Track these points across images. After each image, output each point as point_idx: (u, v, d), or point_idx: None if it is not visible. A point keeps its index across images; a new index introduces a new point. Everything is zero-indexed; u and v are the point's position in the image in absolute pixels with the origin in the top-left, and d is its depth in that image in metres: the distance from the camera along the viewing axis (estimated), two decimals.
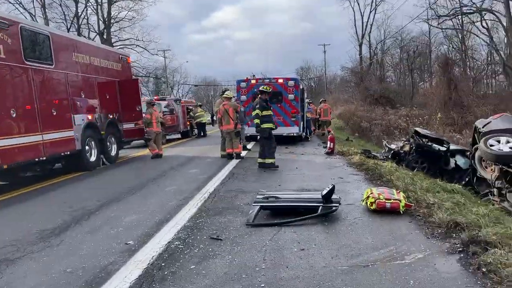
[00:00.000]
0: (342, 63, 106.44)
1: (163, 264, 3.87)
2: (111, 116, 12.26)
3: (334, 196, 5.31)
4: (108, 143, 12.05)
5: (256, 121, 9.67)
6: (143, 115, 13.07)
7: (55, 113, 9.43)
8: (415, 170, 9.61)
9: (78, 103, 10.52)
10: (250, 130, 15.50)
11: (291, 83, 15.36)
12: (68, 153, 9.86)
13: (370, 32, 46.32)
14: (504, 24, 25.30)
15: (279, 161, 10.66)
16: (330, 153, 11.99)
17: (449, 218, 4.56)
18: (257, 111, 9.66)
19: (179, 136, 22.06)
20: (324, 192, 5.20)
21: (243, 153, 12.10)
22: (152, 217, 5.63)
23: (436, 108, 19.63)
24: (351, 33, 50.75)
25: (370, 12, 45.87)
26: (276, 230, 4.73)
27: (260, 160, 9.71)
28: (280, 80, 15.55)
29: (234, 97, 12.02)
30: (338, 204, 5.21)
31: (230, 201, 6.36)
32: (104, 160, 11.82)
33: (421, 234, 4.39)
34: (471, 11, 26.34)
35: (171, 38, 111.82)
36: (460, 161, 10.25)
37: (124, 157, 13.63)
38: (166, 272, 3.67)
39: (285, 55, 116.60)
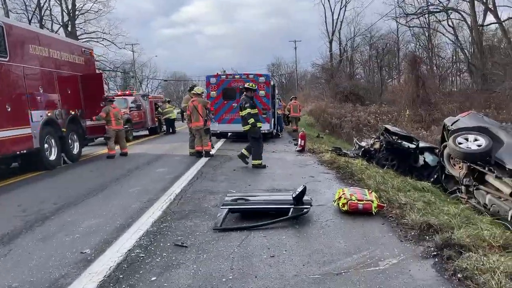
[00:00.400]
0: (313, 60, 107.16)
1: (121, 276, 3.54)
2: (73, 112, 11.63)
3: (305, 197, 5.11)
4: (69, 141, 11.44)
5: (251, 120, 9.21)
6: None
7: (9, 109, 8.79)
8: (385, 168, 9.61)
9: (36, 98, 9.89)
10: (220, 127, 15.25)
11: (262, 79, 15.14)
12: (25, 151, 9.24)
13: (340, 29, 46.78)
14: (469, 23, 26.05)
15: (249, 159, 10.43)
16: (301, 150, 11.86)
17: (421, 220, 4.45)
18: (248, 110, 9.24)
19: (147, 132, 21.44)
20: (295, 193, 4.98)
21: (213, 151, 11.77)
22: (112, 221, 5.25)
23: (405, 105, 19.94)
24: (322, 29, 51.07)
25: (340, 9, 46.29)
26: (245, 235, 4.48)
27: (254, 162, 9.39)
28: (251, 76, 15.30)
29: (203, 92, 11.65)
30: (309, 206, 5.02)
31: (197, 203, 6.06)
32: (66, 158, 11.22)
33: (394, 237, 4.26)
34: (438, 10, 27.00)
35: (140, 32, 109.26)
36: (429, 158, 10.34)
37: (88, 155, 13.02)
38: (123, 286, 3.35)
39: (256, 51, 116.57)
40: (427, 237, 4.12)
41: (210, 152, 11.26)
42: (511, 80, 15.85)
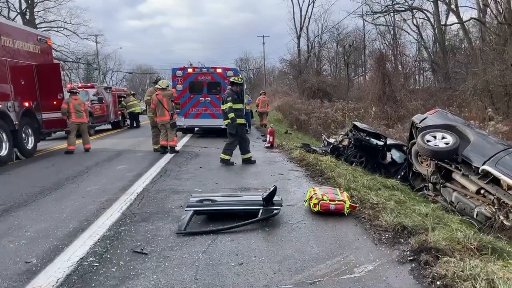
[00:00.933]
0: (281, 55, 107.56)
1: None
2: (27, 104, 10.83)
3: (275, 198, 4.85)
4: (23, 135, 10.66)
5: (231, 115, 8.78)
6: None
7: None
8: (353, 165, 9.54)
9: None
10: (186, 122, 14.77)
11: (230, 73, 14.74)
12: None
13: (308, 25, 46.88)
14: (433, 22, 26.67)
15: (216, 155, 10.08)
16: (270, 147, 11.64)
17: (395, 221, 4.29)
18: (229, 103, 8.82)
19: (109, 127, 20.56)
20: (266, 193, 4.71)
21: (178, 147, 11.32)
22: (65, 225, 4.79)
23: (371, 102, 20.11)
24: (290, 25, 51.27)
25: (309, 5, 46.44)
26: (211, 239, 4.16)
27: (244, 156, 9.07)
28: (219, 70, 14.90)
29: (168, 86, 11.17)
30: (280, 207, 4.76)
31: (160, 203, 5.67)
32: (18, 154, 10.45)
33: (368, 240, 4.07)
34: (403, 9, 27.42)
35: (104, 22, 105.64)
36: (396, 155, 10.38)
37: (44, 151, 12.22)
38: None
39: (225, 46, 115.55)
40: (402, 240, 3.96)
41: (176, 148, 10.82)
42: (472, 79, 16.21)
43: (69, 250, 3.95)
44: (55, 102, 11.64)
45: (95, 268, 3.52)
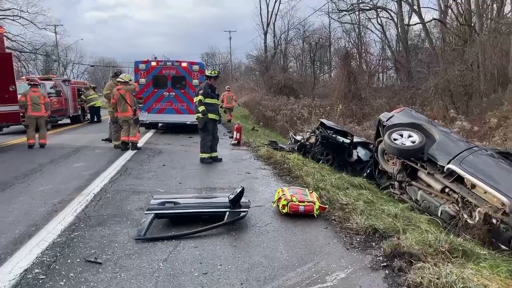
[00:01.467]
0: (248, 51, 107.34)
1: None
2: None
3: (243, 199, 4.61)
4: None
5: (201, 108, 8.39)
6: (19, 96, 11.01)
7: None
8: (320, 162, 9.48)
9: None
10: (150, 117, 14.24)
11: (195, 67, 14.33)
12: None
13: (275, 21, 46.87)
14: (396, 22, 27.29)
15: (181, 152, 9.80)
16: (237, 144, 11.37)
17: (366, 224, 4.16)
18: (199, 97, 8.42)
19: (68, 121, 19.57)
20: (232, 195, 4.46)
21: (140, 143, 10.84)
22: (10, 230, 4.33)
23: (337, 99, 20.25)
24: (257, 21, 50.98)
25: (275, 1, 46.37)
26: (173, 246, 3.86)
27: (200, 155, 8.68)
28: (184, 64, 14.43)
29: (130, 80, 10.66)
30: (247, 209, 4.52)
31: (119, 205, 5.29)
32: None
33: (339, 244, 3.90)
34: (368, 7, 27.88)
35: (64, 12, 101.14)
36: (361, 152, 10.40)
37: None
38: None
39: (190, 40, 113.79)
40: (374, 244, 3.83)
41: (138, 145, 10.34)
42: (434, 78, 16.62)
43: (12, 261, 3.54)
44: (6, 95, 10.84)
45: (40, 281, 3.15)
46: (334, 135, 10.46)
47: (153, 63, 14.32)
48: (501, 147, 8.76)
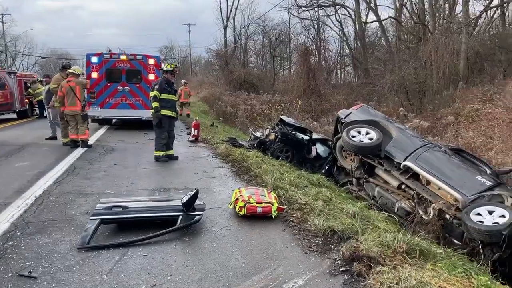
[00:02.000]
0: (207, 45, 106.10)
1: None
2: None
3: (197, 202, 4.36)
4: None
5: (155, 104, 7.99)
6: None
7: None
8: (279, 159, 9.39)
9: None
10: (103, 113, 13.60)
11: (151, 61, 13.79)
12: None
13: (234, 15, 46.45)
14: (354, 19, 27.80)
15: (135, 150, 9.36)
16: (195, 141, 11.05)
17: (325, 225, 4.04)
18: (155, 92, 8.00)
19: (14, 116, 18.37)
20: (186, 198, 4.19)
21: (91, 141, 10.27)
22: None
23: (296, 95, 20.34)
24: (217, 15, 50.31)
25: None
26: (120, 254, 3.56)
27: (155, 153, 8.29)
28: (139, 57, 13.85)
29: (82, 74, 10.07)
30: (202, 212, 4.28)
31: (62, 209, 4.87)
32: None
33: (297, 248, 3.75)
34: (327, 4, 28.17)
35: (13, 1, 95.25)
36: (320, 149, 10.42)
37: None
38: None
39: (148, 32, 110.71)
40: (333, 246, 3.71)
41: (88, 142, 9.78)
42: (390, 75, 17.03)
43: None
44: None
45: None
46: (293, 132, 10.40)
47: (107, 56, 13.66)
48: (453, 143, 9.04)
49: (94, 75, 13.34)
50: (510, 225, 4.39)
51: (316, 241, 3.86)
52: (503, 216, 4.71)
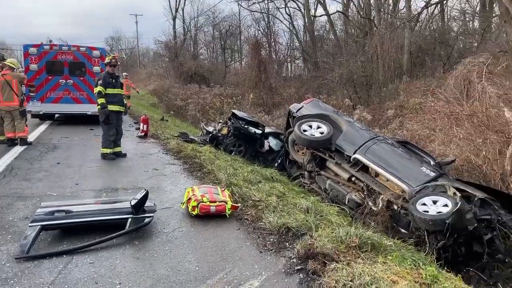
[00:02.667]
0: (156, 36, 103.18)
1: None
2: None
3: (147, 203, 4.18)
4: None
5: (100, 100, 7.60)
6: None
7: None
8: (232, 154, 9.32)
9: None
10: (44, 108, 12.78)
11: (96, 53, 13.12)
12: None
13: (184, 6, 45.50)
14: (303, 12, 28.15)
15: (79, 147, 8.88)
16: (144, 136, 10.67)
17: (280, 223, 4.02)
18: (99, 88, 7.60)
19: None
20: (135, 200, 4.00)
21: (31, 138, 9.61)
22: None
23: (248, 88, 20.27)
24: (165, 5, 49.01)
25: None
26: (64, 263, 3.32)
27: (102, 150, 7.90)
28: (83, 49, 13.13)
29: (19, 68, 9.36)
30: (152, 214, 4.11)
31: None
32: None
33: (252, 247, 3.70)
34: None
35: None
36: (273, 143, 10.45)
37: None
38: None
39: (93, 22, 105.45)
40: (287, 244, 3.70)
41: (27, 140, 9.13)
42: (338, 69, 17.43)
43: None
44: None
45: None
46: (246, 126, 10.35)
47: (46, 47, 12.82)
48: (399, 136, 9.41)
49: (33, 67, 12.49)
50: (452, 214, 4.59)
51: (271, 239, 3.83)
52: (446, 205, 4.94)
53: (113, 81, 7.90)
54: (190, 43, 46.09)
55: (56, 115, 13.90)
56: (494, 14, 16.38)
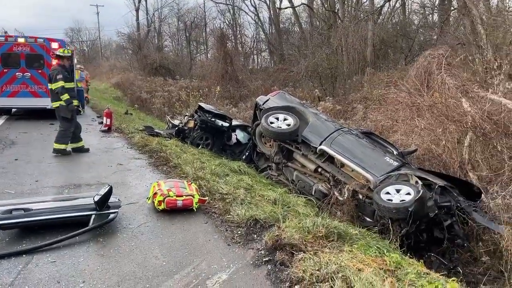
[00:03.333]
0: (118, 28, 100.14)
1: None
2: None
3: (112, 198, 4.07)
4: None
5: (65, 96, 7.29)
6: None
7: None
8: (199, 147, 9.23)
9: None
10: (0, 102, 12.17)
11: (55, 45, 12.57)
12: None
13: None
14: (268, 4, 28.19)
15: (39, 143, 8.53)
16: (107, 130, 10.38)
17: (247, 215, 4.03)
18: (61, 83, 7.26)
19: None
20: (98, 196, 3.88)
21: None
22: None
23: (214, 81, 20.11)
24: None
25: None
26: (23, 263, 3.19)
27: (74, 145, 7.70)
28: (40, 40, 12.57)
29: None
30: (117, 210, 4.01)
31: None
32: None
33: (220, 240, 3.69)
34: None
35: None
36: (240, 135, 10.44)
37: None
38: None
39: (51, 13, 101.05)
40: (255, 236, 3.71)
41: None
42: (304, 61, 17.58)
43: None
44: None
45: None
46: (213, 119, 10.28)
47: (1, 39, 12.21)
48: (363, 126, 9.62)
49: None
50: (415, 201, 4.75)
51: (239, 232, 3.83)
52: (408, 193, 5.10)
53: (68, 75, 7.67)
54: (154, 35, 45.19)
55: (13, 110, 13.28)
56: (452, 8, 16.97)
